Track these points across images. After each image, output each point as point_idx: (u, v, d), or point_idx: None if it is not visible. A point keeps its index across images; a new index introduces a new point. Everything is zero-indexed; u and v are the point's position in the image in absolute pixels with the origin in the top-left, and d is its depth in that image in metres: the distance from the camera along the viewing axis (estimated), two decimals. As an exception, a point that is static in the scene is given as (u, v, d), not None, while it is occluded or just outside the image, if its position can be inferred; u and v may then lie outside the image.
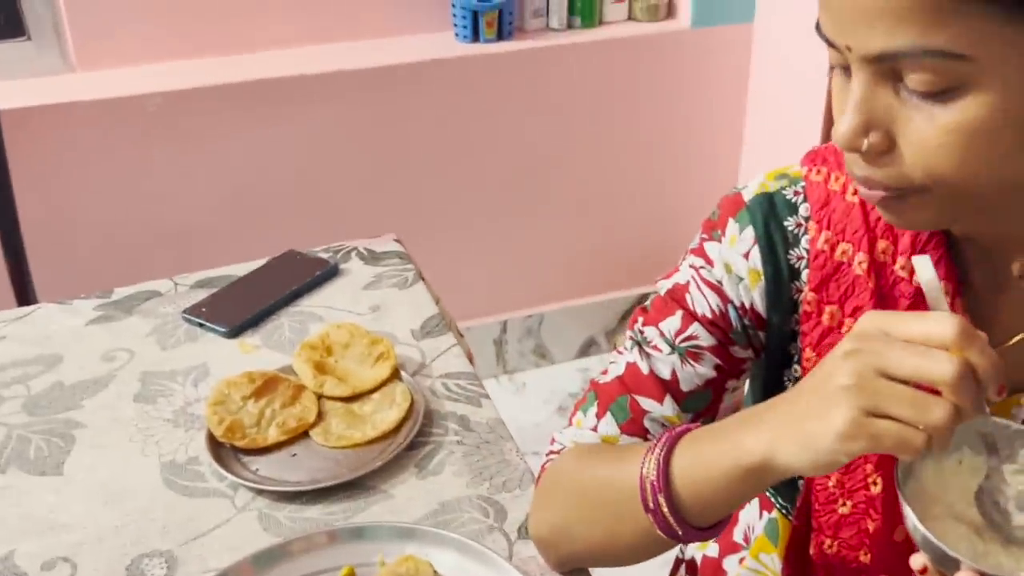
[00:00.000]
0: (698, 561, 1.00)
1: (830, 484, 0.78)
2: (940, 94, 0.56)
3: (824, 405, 0.57)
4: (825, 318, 0.74)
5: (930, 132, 0.57)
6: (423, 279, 1.34)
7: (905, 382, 0.55)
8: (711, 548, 0.98)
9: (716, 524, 0.70)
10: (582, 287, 2.40)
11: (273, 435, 0.99)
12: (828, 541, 0.80)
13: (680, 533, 0.69)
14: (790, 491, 0.86)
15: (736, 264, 0.76)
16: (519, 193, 2.24)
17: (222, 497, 0.93)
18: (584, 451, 0.80)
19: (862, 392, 0.55)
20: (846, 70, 0.60)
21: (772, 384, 0.83)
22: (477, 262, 2.30)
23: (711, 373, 0.79)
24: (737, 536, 0.96)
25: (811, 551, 0.81)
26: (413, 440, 0.98)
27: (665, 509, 0.68)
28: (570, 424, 0.84)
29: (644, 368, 0.79)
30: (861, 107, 0.58)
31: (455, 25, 2.06)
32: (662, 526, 0.69)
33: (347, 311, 1.20)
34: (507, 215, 2.26)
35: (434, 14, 2.08)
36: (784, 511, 0.88)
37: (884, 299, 0.72)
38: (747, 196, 0.77)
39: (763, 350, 0.81)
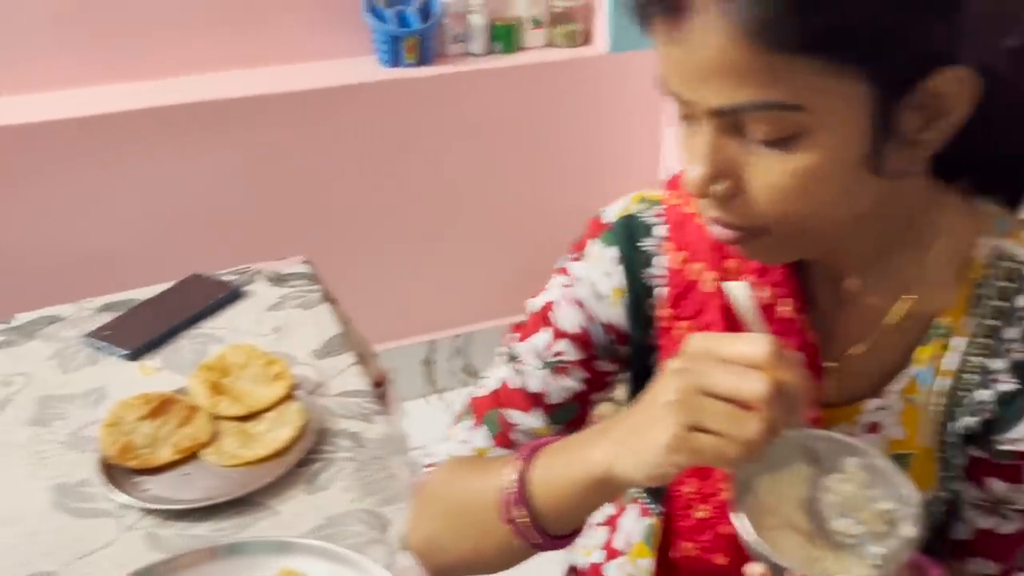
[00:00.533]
0: (585, 567, 1.04)
1: (689, 490, 0.82)
2: (781, 142, 0.60)
3: (652, 420, 0.61)
4: (680, 333, 0.78)
5: (773, 178, 0.60)
6: (332, 300, 1.37)
7: (725, 399, 0.59)
8: (596, 555, 1.02)
9: (573, 532, 0.74)
10: (509, 306, 2.41)
11: (166, 455, 1.00)
12: (688, 544, 0.83)
13: (540, 542, 0.72)
14: (655, 495, 0.90)
15: (599, 283, 0.80)
16: (445, 214, 2.27)
17: (111, 517, 0.94)
18: (455, 464, 0.83)
19: (684, 408, 0.59)
20: (692, 119, 0.63)
21: (638, 395, 0.87)
22: (404, 283, 2.32)
23: (578, 386, 0.83)
24: (619, 543, 1.00)
25: (674, 554, 0.85)
26: (305, 457, 1.00)
27: (524, 520, 0.71)
28: (448, 437, 0.87)
29: (515, 383, 0.83)
30: (709, 157, 0.61)
31: (376, 50, 2.09)
32: (521, 536, 0.72)
33: (249, 333, 1.22)
34: (433, 236, 2.29)
35: (356, 39, 2.10)
36: (660, 516, 0.92)
37: (732, 315, 0.77)
38: (610, 218, 0.81)
39: (628, 364, 0.85)
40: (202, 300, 1.27)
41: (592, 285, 0.80)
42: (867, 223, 0.72)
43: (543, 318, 0.83)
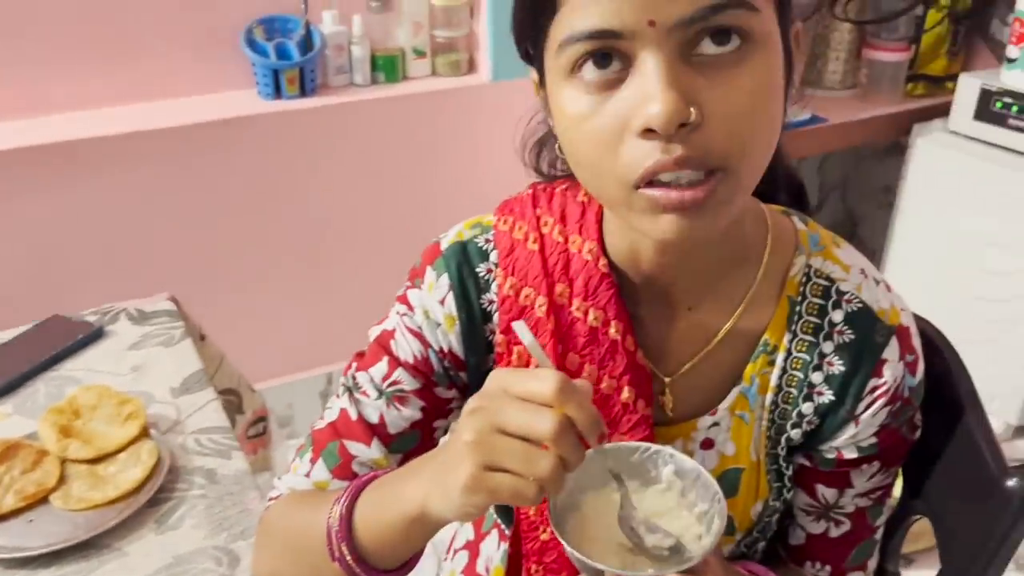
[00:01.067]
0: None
1: (532, 513, 0.83)
2: (734, 54, 0.60)
3: (454, 460, 0.62)
4: (515, 358, 0.80)
5: (734, 98, 0.59)
6: (201, 337, 1.35)
7: (519, 437, 0.60)
8: (460, 580, 1.02)
9: (403, 566, 0.74)
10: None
11: (10, 502, 0.98)
12: (535, 566, 0.84)
13: (359, 571, 0.72)
14: (508, 518, 0.91)
15: (433, 310, 0.81)
16: (335, 245, 2.27)
17: (-52, 569, 0.92)
18: (293, 499, 0.83)
19: (480, 447, 0.61)
20: (621, 65, 0.60)
21: None
22: (299, 316, 2.31)
23: (417, 415, 0.83)
24: (480, 567, 1.01)
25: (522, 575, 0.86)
26: (155, 496, 0.99)
27: (348, 557, 0.72)
28: (290, 471, 0.86)
29: (353, 413, 0.83)
30: (674, 82, 0.58)
31: (257, 83, 2.08)
32: (349, 572, 0.72)
33: (108, 373, 1.20)
34: (324, 267, 2.28)
35: (236, 72, 2.09)
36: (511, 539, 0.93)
37: (563, 337, 0.78)
38: (444, 244, 0.82)
39: (467, 389, 0.86)
40: (61, 341, 1.24)
41: (427, 313, 0.81)
42: (708, 244, 0.75)
43: (382, 347, 0.84)
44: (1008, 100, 2.06)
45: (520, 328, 0.65)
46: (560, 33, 0.62)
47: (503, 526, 0.95)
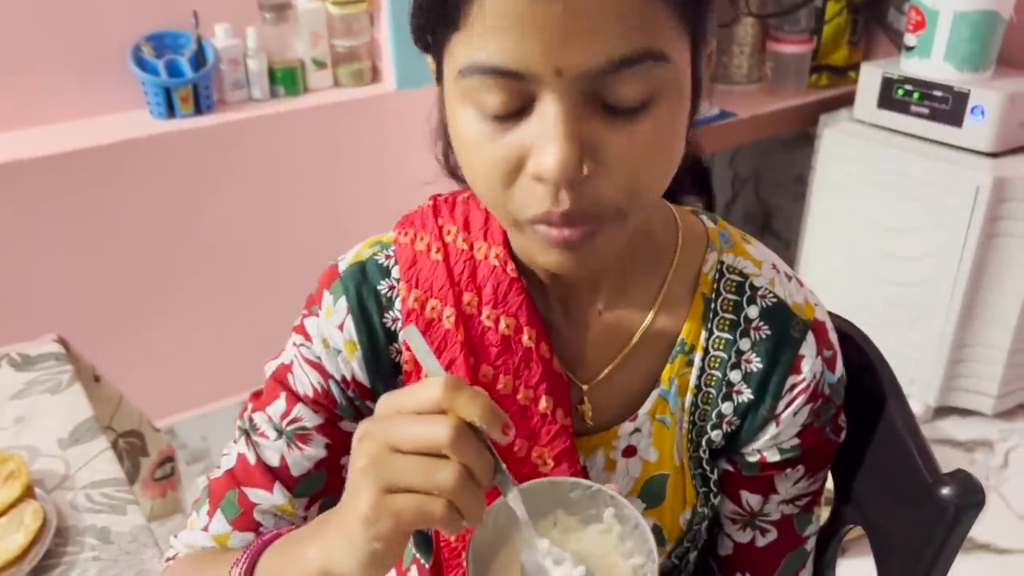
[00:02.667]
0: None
1: (452, 540, 0.79)
2: (639, 106, 0.57)
3: (351, 493, 0.57)
4: (424, 375, 0.74)
5: (633, 147, 0.58)
6: (95, 379, 1.27)
7: (415, 452, 0.55)
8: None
9: None
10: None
11: None
12: None
13: None
14: (427, 548, 0.85)
15: (332, 337, 0.76)
16: (241, 266, 2.18)
17: None
18: (188, 562, 0.77)
19: (374, 469, 0.55)
20: (522, 105, 0.58)
21: None
22: (204, 345, 2.21)
23: (321, 453, 0.77)
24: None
25: None
26: (41, 564, 0.90)
27: None
28: (187, 526, 0.80)
29: (252, 458, 0.77)
30: (572, 134, 0.56)
31: (148, 103, 1.98)
32: None
33: (-13, 427, 1.11)
34: (230, 291, 2.19)
35: (124, 93, 1.99)
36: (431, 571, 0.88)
37: (474, 349, 0.74)
38: (342, 267, 0.77)
39: None
40: (-67, 396, 1.14)
41: (325, 341, 0.76)
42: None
43: (279, 383, 0.78)
44: (909, 87, 2.10)
45: (411, 334, 0.61)
46: (461, 57, 0.58)
47: (422, 560, 0.89)
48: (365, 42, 2.19)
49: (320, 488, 0.79)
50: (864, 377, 0.80)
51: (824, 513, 0.86)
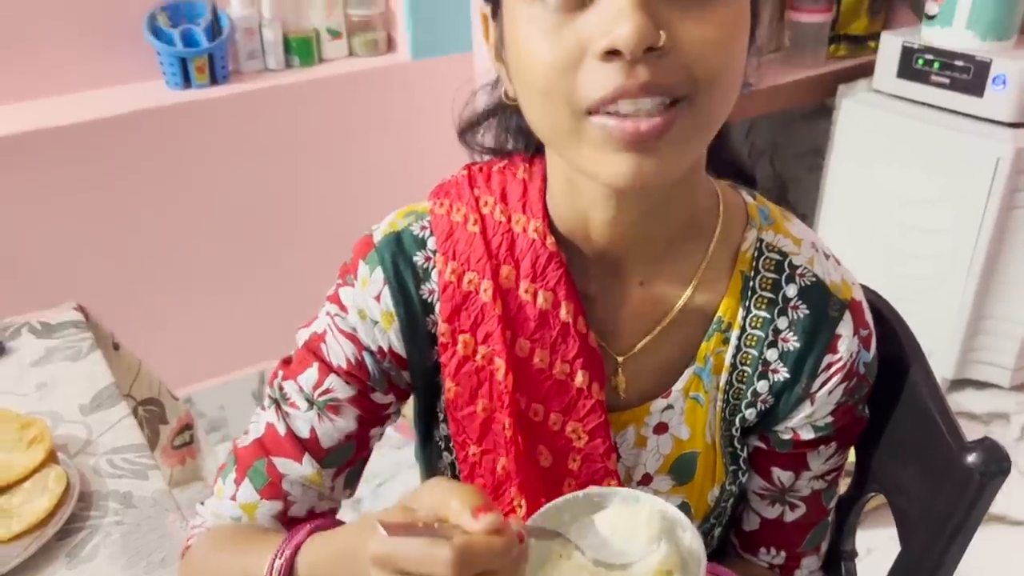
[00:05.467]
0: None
1: None
2: None
3: None
4: (460, 348, 0.74)
5: (704, 29, 0.57)
6: (114, 346, 1.27)
7: None
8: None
9: None
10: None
11: (-98, 544, 0.89)
12: None
13: None
14: None
15: (369, 308, 0.75)
16: (258, 238, 2.18)
17: None
18: (217, 536, 0.77)
19: None
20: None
21: (427, 416, 0.83)
22: (225, 315, 2.21)
23: (352, 426, 0.77)
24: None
25: None
26: (65, 527, 0.91)
27: None
28: (213, 493, 0.80)
29: (281, 428, 0.77)
30: (644, 6, 0.55)
31: (164, 73, 1.98)
32: None
33: (9, 393, 1.11)
34: (248, 263, 2.19)
35: (140, 63, 1.98)
36: None
37: (511, 323, 0.73)
38: (377, 237, 0.76)
39: (410, 390, 0.80)
40: (-45, 363, 1.15)
41: (362, 312, 0.75)
42: (661, 211, 0.70)
43: (312, 352, 0.77)
44: (929, 57, 2.07)
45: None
46: None
47: None
48: (380, 12, 2.17)
49: (348, 459, 0.79)
50: (888, 346, 0.79)
51: (844, 482, 0.86)
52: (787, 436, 0.78)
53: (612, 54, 0.56)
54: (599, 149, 0.59)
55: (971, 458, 0.67)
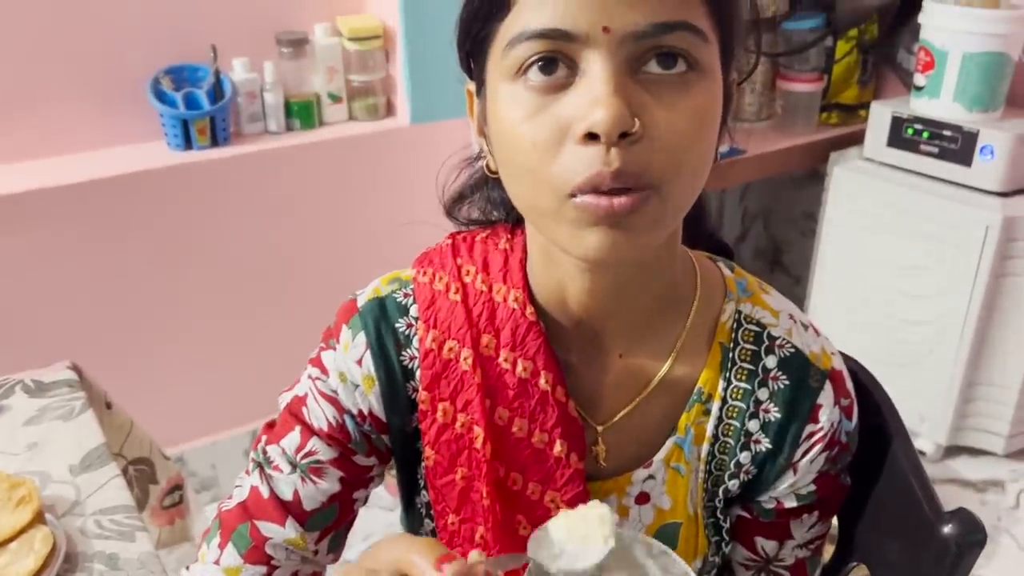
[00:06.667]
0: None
1: None
2: (679, 77, 0.60)
3: None
4: (439, 415, 0.75)
5: (675, 119, 0.60)
6: (107, 406, 1.28)
7: None
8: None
9: None
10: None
11: None
12: None
13: None
14: None
15: (351, 371, 0.76)
16: (253, 296, 2.19)
17: None
18: None
19: None
20: (568, 74, 0.60)
21: (408, 482, 0.84)
22: (218, 373, 2.22)
23: (335, 487, 0.78)
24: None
25: None
26: (50, 589, 0.91)
27: None
28: (198, 558, 0.80)
29: (265, 491, 0.77)
30: (620, 90, 0.58)
31: (165, 134, 2.01)
32: None
33: (0, 452, 1.12)
34: (244, 321, 2.20)
35: (142, 124, 2.02)
36: None
37: (491, 391, 0.75)
38: (360, 302, 0.78)
39: (391, 454, 0.81)
40: (-52, 421, 1.15)
41: (342, 375, 0.77)
42: (637, 283, 0.72)
43: (293, 416, 0.78)
44: (918, 126, 2.11)
45: None
46: (510, 32, 0.61)
47: None
48: (380, 77, 2.22)
49: (332, 521, 0.79)
50: (869, 416, 0.80)
51: (828, 548, 0.86)
52: (770, 505, 0.79)
53: (590, 137, 0.58)
54: (575, 226, 0.61)
55: (947, 528, 0.68)
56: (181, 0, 1.98)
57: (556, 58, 0.60)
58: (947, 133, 2.05)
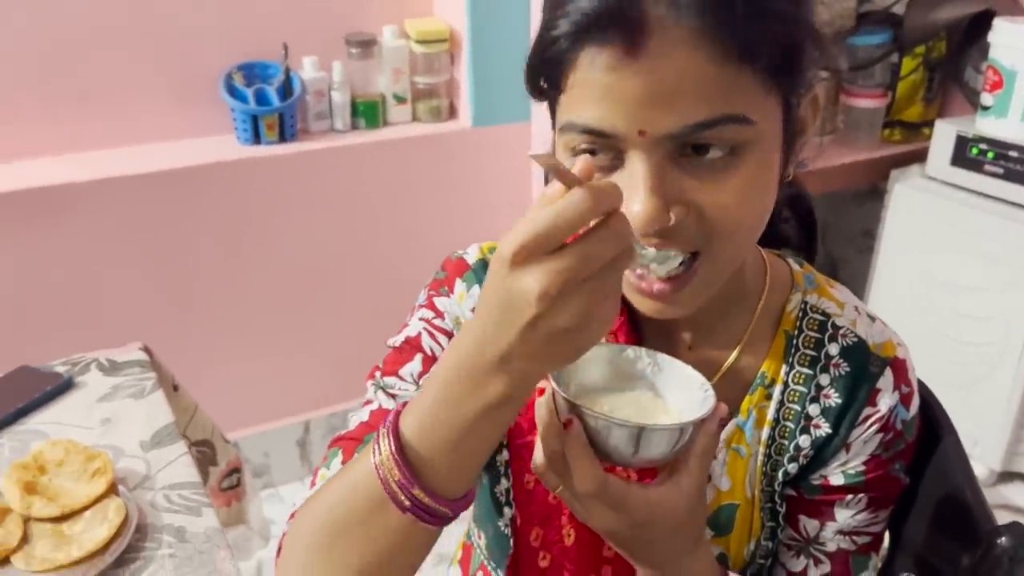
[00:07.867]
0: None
1: (532, 539, 0.83)
2: (723, 159, 0.63)
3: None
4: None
5: (721, 196, 0.63)
6: (174, 387, 1.32)
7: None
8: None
9: (467, 493, 0.64)
10: (386, 381, 2.40)
11: (-31, 564, 0.94)
12: None
13: (435, 509, 0.61)
14: (502, 552, 0.86)
15: (466, 317, 0.82)
16: (312, 291, 2.24)
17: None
18: (315, 493, 0.70)
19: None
20: (610, 161, 0.64)
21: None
22: (274, 364, 2.27)
23: None
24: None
25: None
26: (122, 556, 0.95)
27: (417, 491, 0.60)
28: (312, 485, 0.79)
29: (390, 405, 0.80)
30: (657, 188, 0.62)
31: (235, 128, 2.07)
32: (413, 509, 0.61)
33: (76, 426, 1.17)
34: (301, 314, 2.26)
35: (214, 118, 2.09)
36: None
37: None
38: (471, 260, 0.84)
39: None
40: (28, 393, 1.21)
41: (457, 319, 0.82)
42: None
43: (412, 346, 0.83)
44: (983, 147, 2.08)
45: (536, 155, 0.54)
46: (562, 115, 0.66)
47: (488, 563, 0.91)
48: (444, 80, 2.26)
49: None
50: (926, 428, 0.81)
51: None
52: (817, 481, 0.80)
53: None
54: (630, 290, 0.69)
55: (1001, 541, 0.68)
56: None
57: (601, 146, 0.64)
58: (1013, 154, 2.02)
